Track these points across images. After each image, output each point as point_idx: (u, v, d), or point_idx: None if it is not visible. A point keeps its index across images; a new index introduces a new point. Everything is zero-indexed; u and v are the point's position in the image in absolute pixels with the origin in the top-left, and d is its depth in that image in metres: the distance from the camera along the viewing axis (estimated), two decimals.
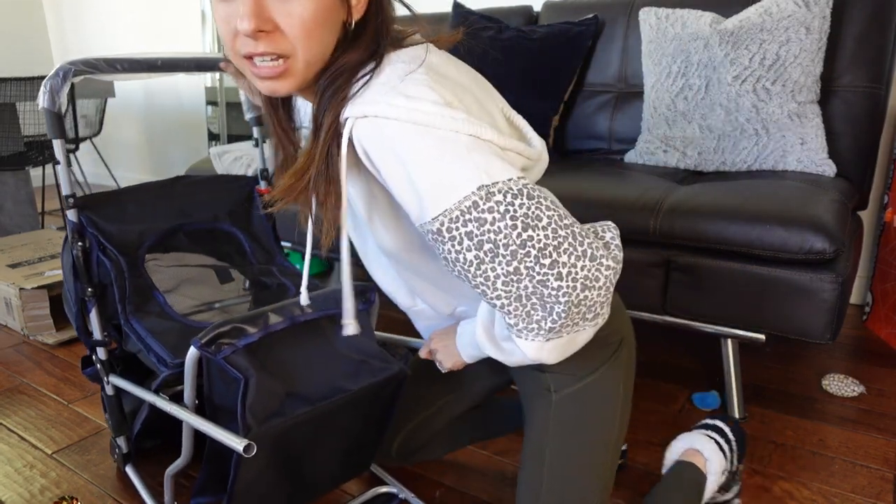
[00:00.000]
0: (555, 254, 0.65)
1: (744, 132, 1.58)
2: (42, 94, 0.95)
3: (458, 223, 0.64)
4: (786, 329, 1.26)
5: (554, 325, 0.67)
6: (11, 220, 2.81)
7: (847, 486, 1.19)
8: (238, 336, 0.84)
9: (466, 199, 0.64)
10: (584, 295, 0.66)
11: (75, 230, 1.04)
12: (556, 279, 0.65)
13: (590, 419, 0.86)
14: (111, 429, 1.18)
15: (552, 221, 0.65)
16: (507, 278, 0.66)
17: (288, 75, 0.69)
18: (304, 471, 0.99)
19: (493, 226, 0.64)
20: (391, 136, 0.64)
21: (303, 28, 0.65)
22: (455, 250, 0.66)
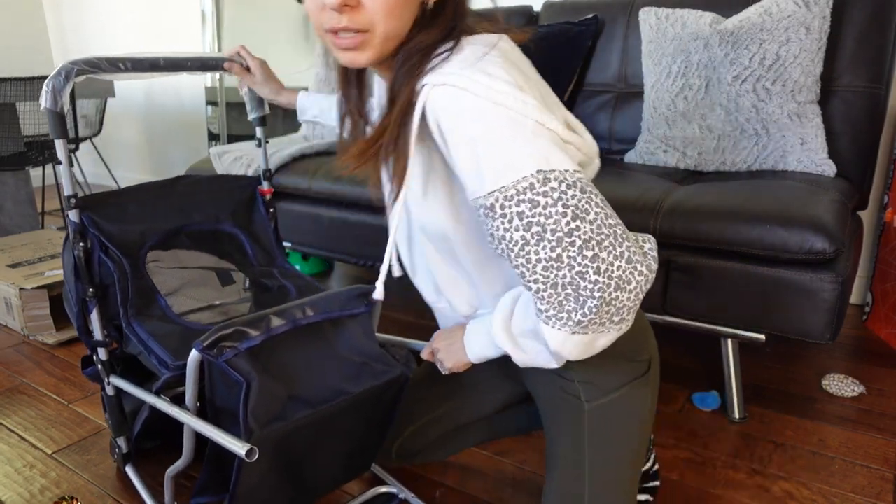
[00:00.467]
0: (597, 248, 0.68)
1: (744, 132, 1.58)
2: (44, 93, 0.94)
3: (511, 202, 0.67)
4: (786, 329, 1.26)
5: (583, 320, 0.69)
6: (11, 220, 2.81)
7: (847, 486, 1.19)
8: (240, 339, 0.84)
9: (524, 180, 0.67)
10: (616, 295, 0.69)
11: (77, 230, 1.04)
12: (594, 273, 0.68)
13: (624, 431, 0.89)
14: (111, 429, 1.18)
15: (599, 217, 0.68)
16: (547, 264, 0.68)
17: (367, 47, 0.73)
18: (305, 473, 0.98)
19: (544, 209, 0.67)
20: (466, 107, 0.68)
21: (384, 5, 0.70)
22: (504, 228, 0.69)
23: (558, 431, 0.92)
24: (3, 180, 2.77)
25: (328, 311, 0.93)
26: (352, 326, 0.97)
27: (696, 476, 1.23)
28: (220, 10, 3.30)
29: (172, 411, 0.92)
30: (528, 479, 1.22)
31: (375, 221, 1.79)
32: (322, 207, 1.91)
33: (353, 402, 0.92)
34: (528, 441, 1.34)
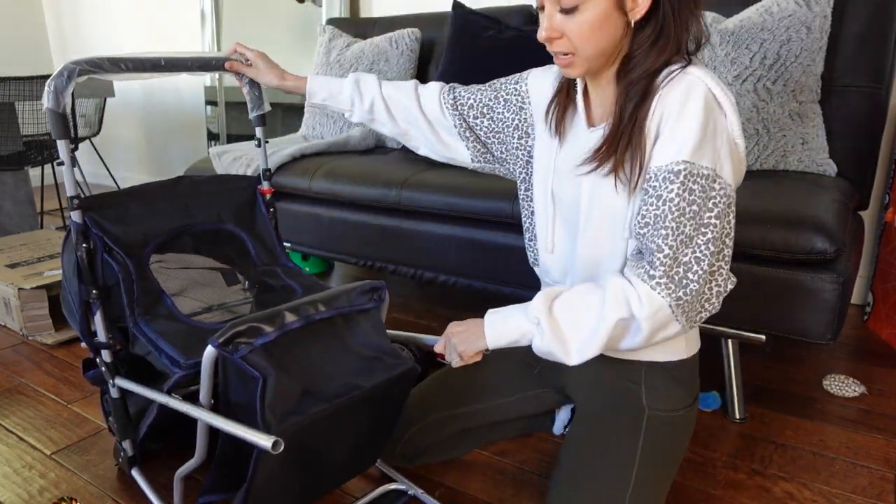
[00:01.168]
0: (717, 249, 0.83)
1: (744, 132, 1.57)
2: (46, 94, 0.94)
3: (692, 178, 0.81)
4: (786, 329, 1.26)
5: (683, 297, 0.82)
6: (11, 220, 2.81)
7: (848, 487, 1.18)
8: (255, 335, 0.85)
9: (707, 169, 0.81)
10: (708, 296, 0.84)
11: (80, 231, 1.02)
12: (707, 265, 0.82)
13: (671, 445, 0.99)
14: (116, 433, 1.16)
15: (727, 231, 0.85)
16: (681, 239, 0.82)
17: (574, 66, 0.88)
18: (316, 467, 0.99)
19: (706, 198, 0.81)
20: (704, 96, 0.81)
21: (580, 36, 0.84)
22: (677, 192, 0.81)
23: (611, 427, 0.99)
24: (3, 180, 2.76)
25: (340, 307, 0.95)
26: (362, 322, 0.99)
27: (697, 476, 1.22)
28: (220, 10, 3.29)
29: (188, 409, 0.91)
30: (528, 479, 1.22)
31: (375, 221, 1.79)
32: (322, 207, 1.90)
33: (365, 395, 0.93)
34: (528, 441, 1.34)
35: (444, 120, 1.10)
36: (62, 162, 0.98)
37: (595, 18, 0.83)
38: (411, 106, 1.10)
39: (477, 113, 1.09)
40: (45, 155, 2.85)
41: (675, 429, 1.00)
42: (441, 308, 2.09)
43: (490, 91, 1.09)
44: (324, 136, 2.31)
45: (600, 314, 0.84)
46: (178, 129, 3.93)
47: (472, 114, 1.09)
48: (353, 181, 1.80)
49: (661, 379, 1.00)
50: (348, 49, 2.29)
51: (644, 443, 0.96)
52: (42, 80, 2.60)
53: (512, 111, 1.08)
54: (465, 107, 1.09)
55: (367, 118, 1.13)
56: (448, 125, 1.10)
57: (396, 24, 2.37)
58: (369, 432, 1.03)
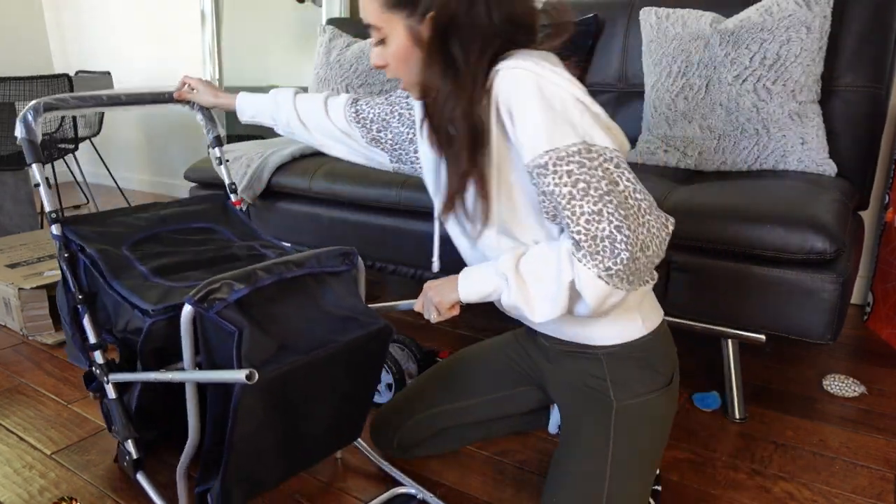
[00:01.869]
0: (628, 211, 0.80)
1: (744, 132, 1.57)
2: (19, 124, 1.08)
3: (562, 161, 0.80)
4: (786, 329, 1.26)
5: (612, 268, 0.80)
6: (11, 220, 2.81)
7: (848, 487, 1.18)
8: (229, 291, 0.89)
9: (573, 146, 0.80)
10: (639, 255, 0.80)
11: (60, 242, 1.10)
12: (627, 230, 0.79)
13: (646, 432, 0.99)
14: (118, 434, 1.16)
15: (627, 189, 0.81)
16: (590, 217, 0.80)
17: (408, 90, 0.94)
18: (297, 428, 1.00)
19: (588, 171, 0.80)
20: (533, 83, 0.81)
21: (393, 65, 0.90)
22: (554, 183, 0.81)
23: (585, 423, 1.00)
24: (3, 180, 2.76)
25: (310, 267, 1.00)
26: (335, 284, 1.03)
27: (697, 476, 1.22)
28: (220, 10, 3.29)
29: (172, 376, 0.94)
30: (528, 479, 1.22)
31: (375, 221, 1.79)
32: (322, 207, 1.90)
33: (341, 350, 0.97)
34: (528, 441, 1.34)
35: (352, 131, 1.16)
36: (38, 184, 1.10)
37: (398, 50, 0.88)
38: (322, 119, 1.17)
39: (379, 126, 1.14)
40: (45, 155, 2.85)
41: (649, 413, 0.99)
42: None
43: (387, 105, 1.13)
44: None
45: (558, 275, 0.85)
46: (178, 129, 3.93)
47: (375, 127, 1.14)
48: (353, 181, 1.80)
49: (624, 367, 0.98)
50: (348, 49, 2.29)
51: (615, 435, 0.97)
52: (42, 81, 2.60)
53: (406, 125, 1.12)
54: (367, 121, 1.14)
55: (287, 132, 1.21)
56: (357, 136, 1.16)
57: None
58: (349, 396, 1.06)
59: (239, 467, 0.94)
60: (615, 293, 0.83)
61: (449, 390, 1.18)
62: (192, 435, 0.97)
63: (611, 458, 0.96)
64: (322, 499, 1.18)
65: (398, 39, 0.87)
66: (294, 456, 1.04)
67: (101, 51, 4.20)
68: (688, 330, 1.39)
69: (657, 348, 1.00)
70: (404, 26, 0.86)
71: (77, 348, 1.17)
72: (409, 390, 1.23)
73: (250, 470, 0.97)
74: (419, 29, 0.85)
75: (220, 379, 0.84)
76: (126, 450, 1.15)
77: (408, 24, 0.86)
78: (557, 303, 0.86)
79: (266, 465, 0.99)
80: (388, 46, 0.89)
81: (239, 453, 0.92)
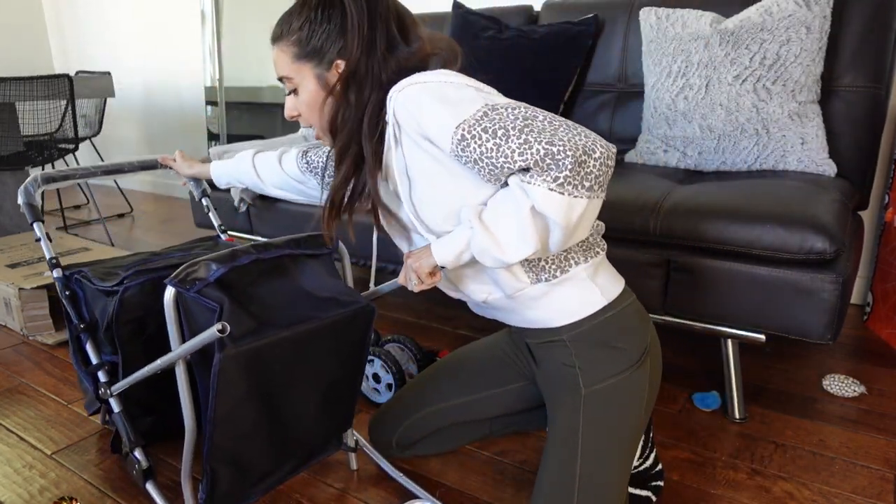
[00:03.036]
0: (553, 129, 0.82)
1: (744, 132, 1.58)
2: (20, 193, 1.23)
3: (474, 126, 0.84)
4: (786, 329, 1.26)
5: (559, 176, 0.80)
6: (11, 220, 2.81)
7: (847, 487, 1.18)
8: (208, 271, 0.92)
9: (478, 112, 0.84)
10: (584, 159, 0.80)
11: (63, 283, 1.20)
12: (559, 140, 0.80)
13: (617, 414, 0.98)
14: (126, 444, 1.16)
15: (547, 117, 0.84)
16: (520, 149, 0.82)
17: (320, 137, 1.02)
18: (282, 411, 1.01)
19: (500, 120, 0.83)
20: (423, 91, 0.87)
21: (306, 112, 0.99)
22: (477, 145, 0.84)
23: (557, 413, 1.00)
24: (3, 180, 2.76)
25: (289, 248, 1.04)
26: (315, 266, 1.06)
27: (697, 476, 1.22)
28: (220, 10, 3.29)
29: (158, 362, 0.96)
30: (528, 479, 1.22)
31: None
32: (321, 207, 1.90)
33: (322, 328, 1.00)
34: (528, 441, 1.34)
35: (307, 180, 1.23)
36: (39, 238, 1.23)
37: (308, 99, 0.97)
38: (278, 173, 1.25)
39: (329, 172, 1.19)
40: (45, 155, 2.85)
41: (619, 396, 0.98)
42: (441, 308, 2.09)
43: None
44: None
45: (516, 207, 0.85)
46: (178, 129, 3.94)
47: (326, 173, 1.19)
48: None
49: (591, 348, 0.98)
50: None
51: (584, 422, 0.97)
52: (42, 81, 2.60)
53: None
54: (319, 168, 1.20)
55: (257, 189, 1.31)
56: (312, 184, 1.23)
57: None
58: (335, 382, 1.08)
59: (223, 446, 0.95)
60: (576, 203, 0.82)
61: (446, 388, 1.19)
62: (188, 425, 0.97)
63: (581, 444, 0.97)
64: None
65: (309, 87, 0.96)
66: (280, 442, 1.05)
67: (101, 51, 4.20)
68: (688, 330, 1.39)
69: (622, 324, 0.99)
70: (314, 75, 0.95)
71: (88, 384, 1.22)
72: (407, 389, 1.24)
73: (236, 451, 0.98)
74: (327, 76, 0.95)
75: (197, 344, 0.87)
76: (135, 458, 1.15)
77: (317, 73, 0.95)
78: (526, 236, 0.85)
79: (252, 447, 1.00)
80: (301, 95, 0.97)
81: (223, 431, 0.94)
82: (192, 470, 1.02)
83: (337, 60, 0.94)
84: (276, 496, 1.19)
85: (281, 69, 0.98)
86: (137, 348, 1.16)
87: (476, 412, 1.19)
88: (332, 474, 1.25)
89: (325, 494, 1.19)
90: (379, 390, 1.48)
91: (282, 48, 0.97)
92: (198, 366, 0.95)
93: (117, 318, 1.11)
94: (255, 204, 2.05)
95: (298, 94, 0.98)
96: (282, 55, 0.97)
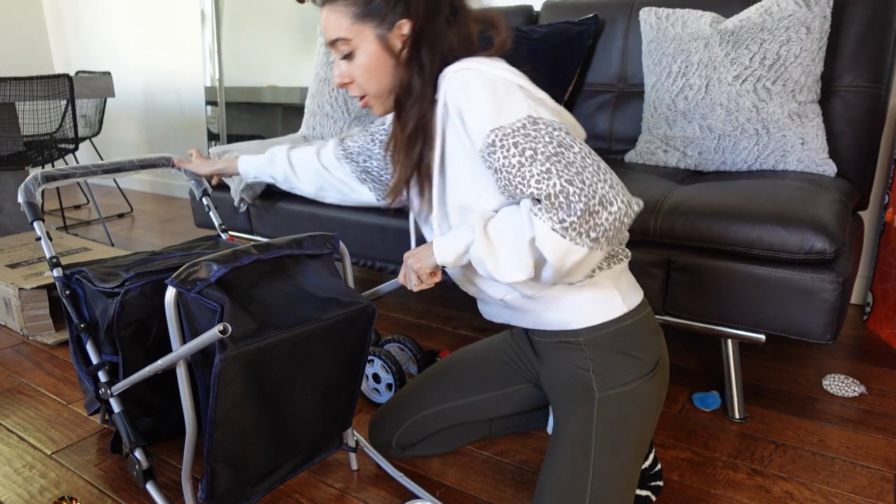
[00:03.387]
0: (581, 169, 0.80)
1: (744, 132, 1.58)
2: (21, 192, 1.22)
3: (508, 137, 0.83)
4: (786, 329, 1.26)
5: (566, 219, 0.79)
6: (11, 220, 2.81)
7: (847, 487, 1.18)
8: (209, 272, 0.92)
9: (518, 122, 0.83)
10: (598, 210, 0.79)
11: (63, 283, 1.20)
12: (580, 183, 0.79)
13: (629, 422, 0.98)
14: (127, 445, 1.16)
15: (582, 151, 0.82)
16: (540, 177, 0.80)
17: (372, 106, 0.98)
18: (281, 411, 1.01)
19: (534, 140, 0.82)
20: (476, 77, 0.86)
21: (361, 78, 0.94)
22: (503, 156, 0.83)
23: (570, 416, 1.00)
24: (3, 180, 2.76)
25: (290, 249, 1.03)
26: (316, 266, 1.06)
27: (697, 476, 1.22)
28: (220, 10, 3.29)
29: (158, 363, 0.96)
30: (528, 479, 1.22)
31: (375, 221, 1.79)
32: (321, 207, 1.91)
33: (323, 328, 0.99)
34: (528, 441, 1.34)
35: (343, 168, 1.21)
36: (39, 237, 1.22)
37: (368, 62, 0.92)
38: (314, 164, 1.23)
39: (364, 157, 1.18)
40: (45, 155, 2.85)
41: (632, 403, 0.98)
42: (441, 308, 2.09)
43: (367, 136, 1.18)
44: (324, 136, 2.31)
45: (520, 233, 0.84)
46: (178, 129, 3.94)
47: (361, 159, 1.18)
48: None
49: (607, 354, 0.98)
50: None
51: (597, 433, 0.97)
52: (42, 81, 2.60)
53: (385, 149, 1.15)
54: (354, 154, 1.19)
55: (287, 186, 1.28)
56: (347, 171, 1.21)
57: None
58: (335, 381, 1.08)
59: (223, 445, 0.95)
60: (575, 249, 0.80)
61: (447, 389, 1.19)
62: (189, 425, 0.97)
63: (594, 446, 0.96)
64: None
65: (370, 48, 0.91)
66: (280, 442, 1.05)
67: (101, 51, 4.20)
68: (688, 330, 1.39)
69: (639, 333, 0.99)
70: (375, 36, 0.91)
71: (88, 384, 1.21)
72: (408, 390, 1.24)
73: (235, 451, 0.98)
74: (388, 37, 0.91)
75: (198, 344, 0.86)
76: (136, 459, 1.15)
77: (378, 34, 0.91)
78: (522, 262, 0.84)
79: (251, 447, 1.00)
80: (357, 58, 0.93)
81: (223, 430, 0.94)
82: (192, 470, 1.02)
83: (400, 20, 0.89)
84: (276, 496, 1.19)
85: (335, 31, 0.92)
86: (138, 349, 1.16)
87: (477, 414, 1.19)
88: (332, 474, 1.25)
89: (325, 494, 1.19)
90: (379, 390, 1.48)
91: (335, 8, 0.91)
92: (198, 365, 0.95)
93: (118, 320, 1.11)
94: (256, 204, 2.05)
95: (355, 57, 0.92)
96: (336, 16, 0.91)
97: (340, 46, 0.93)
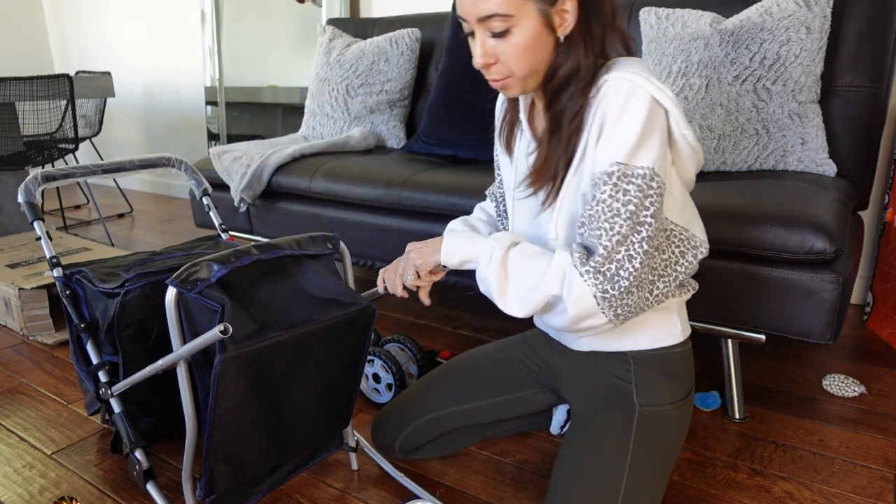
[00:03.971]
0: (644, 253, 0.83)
1: (744, 132, 1.58)
2: (21, 191, 1.22)
3: (621, 179, 0.83)
4: (786, 329, 1.26)
5: (607, 292, 0.82)
6: (11, 220, 2.81)
7: (847, 487, 1.18)
8: (209, 272, 0.92)
9: (643, 168, 0.83)
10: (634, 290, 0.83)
11: (63, 283, 1.20)
12: (639, 263, 0.82)
13: (664, 439, 0.99)
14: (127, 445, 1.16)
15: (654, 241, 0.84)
16: (616, 239, 0.83)
17: (511, 87, 0.91)
18: (281, 411, 1.01)
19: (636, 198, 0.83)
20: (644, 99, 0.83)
21: (513, 57, 0.86)
22: (610, 193, 0.83)
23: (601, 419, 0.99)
24: (3, 180, 2.76)
25: (290, 249, 1.02)
26: (316, 266, 1.06)
27: (697, 476, 1.22)
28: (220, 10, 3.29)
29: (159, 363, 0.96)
30: (528, 479, 1.22)
31: (375, 221, 1.79)
32: (322, 207, 1.91)
33: (322, 329, 0.99)
34: (528, 441, 1.34)
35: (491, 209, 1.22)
36: (40, 237, 1.22)
37: (526, 40, 0.85)
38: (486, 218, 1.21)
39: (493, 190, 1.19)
40: (45, 155, 2.85)
41: (667, 424, 0.99)
42: (441, 308, 2.09)
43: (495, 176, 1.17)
44: (324, 136, 2.31)
45: (541, 280, 0.86)
46: (178, 129, 3.93)
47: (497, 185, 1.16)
48: (353, 181, 1.80)
49: (651, 372, 0.99)
50: (348, 49, 2.29)
51: (635, 442, 0.96)
52: (42, 81, 2.60)
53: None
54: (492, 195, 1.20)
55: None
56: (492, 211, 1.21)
57: (396, 24, 2.37)
58: (334, 379, 1.08)
59: (222, 445, 0.95)
60: (597, 316, 0.84)
61: (456, 393, 1.17)
62: (189, 425, 0.97)
63: (630, 461, 0.95)
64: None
65: (531, 25, 0.84)
66: (280, 442, 1.05)
67: (101, 51, 4.20)
68: None
69: (684, 361, 1.02)
70: (538, 11, 0.84)
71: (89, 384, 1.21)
72: (414, 392, 1.22)
73: (235, 450, 0.98)
74: (551, 13, 0.84)
75: (199, 345, 0.87)
76: (136, 459, 1.15)
77: (541, 9, 0.84)
78: (528, 307, 0.87)
79: (251, 447, 1.00)
80: (514, 36, 0.85)
81: (222, 430, 0.94)
82: (192, 470, 1.02)
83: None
84: (276, 496, 1.19)
85: (493, 5, 0.83)
86: (138, 349, 1.16)
87: (483, 417, 1.18)
88: (333, 474, 1.25)
89: (326, 494, 1.19)
90: (379, 390, 1.48)
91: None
92: (198, 365, 0.96)
93: (118, 320, 1.12)
94: (256, 204, 2.05)
95: (511, 35, 0.85)
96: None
97: (494, 23, 0.84)
